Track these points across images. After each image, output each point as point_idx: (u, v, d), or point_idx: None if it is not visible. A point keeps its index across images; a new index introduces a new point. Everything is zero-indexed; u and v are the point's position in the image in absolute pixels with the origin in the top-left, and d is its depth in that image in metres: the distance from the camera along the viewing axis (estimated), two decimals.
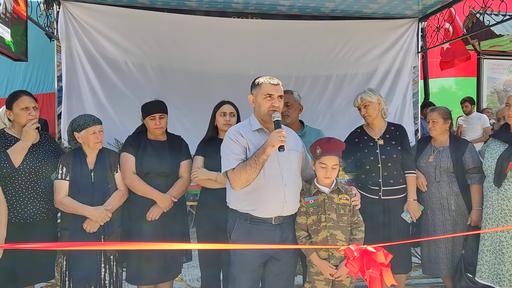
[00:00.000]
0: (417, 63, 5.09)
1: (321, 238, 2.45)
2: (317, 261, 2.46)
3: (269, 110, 2.37)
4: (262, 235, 2.36)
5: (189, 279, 3.65)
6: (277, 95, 2.39)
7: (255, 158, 2.26)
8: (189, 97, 4.73)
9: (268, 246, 2.33)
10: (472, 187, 3.12)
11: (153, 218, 2.80)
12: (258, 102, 2.41)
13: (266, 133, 2.43)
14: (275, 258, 2.42)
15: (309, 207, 2.49)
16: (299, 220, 2.51)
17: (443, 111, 3.23)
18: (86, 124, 2.72)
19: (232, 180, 2.31)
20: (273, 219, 2.38)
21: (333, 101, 5.02)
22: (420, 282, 3.69)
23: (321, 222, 2.46)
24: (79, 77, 4.40)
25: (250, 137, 2.40)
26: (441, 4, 4.52)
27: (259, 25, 4.77)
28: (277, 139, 2.21)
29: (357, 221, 2.53)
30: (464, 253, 3.11)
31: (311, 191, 2.52)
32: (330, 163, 2.45)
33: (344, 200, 2.49)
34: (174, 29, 4.60)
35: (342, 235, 2.45)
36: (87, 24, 4.37)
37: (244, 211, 2.39)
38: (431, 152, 3.25)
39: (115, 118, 4.49)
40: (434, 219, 3.15)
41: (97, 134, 2.74)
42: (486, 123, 6.33)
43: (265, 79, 2.41)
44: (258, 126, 2.44)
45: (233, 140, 2.38)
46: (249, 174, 2.26)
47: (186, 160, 3.00)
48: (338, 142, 2.54)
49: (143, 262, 2.80)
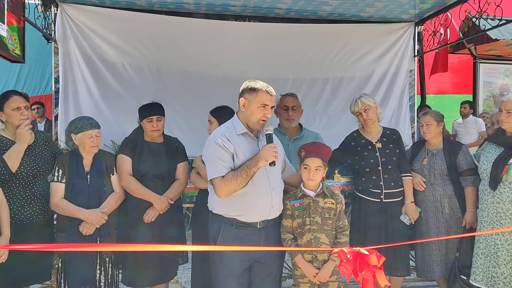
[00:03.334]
0: (413, 67, 5.13)
1: (305, 240, 2.48)
2: (301, 263, 2.48)
3: (260, 120, 2.34)
4: (248, 239, 2.34)
5: (184, 281, 3.65)
6: (271, 106, 2.37)
7: (247, 169, 2.25)
8: (186, 99, 4.75)
9: (261, 248, 2.33)
10: (466, 189, 3.13)
11: (149, 220, 2.80)
12: (251, 109, 2.34)
13: (250, 137, 2.41)
14: (260, 261, 2.42)
15: (294, 210, 2.51)
16: (285, 223, 2.53)
17: (436, 114, 3.26)
18: (83, 127, 2.71)
19: (219, 188, 2.26)
20: (258, 223, 2.38)
21: (330, 104, 5.05)
22: (416, 285, 3.70)
23: (306, 225, 2.48)
24: (76, 79, 4.41)
25: (236, 142, 2.34)
26: (437, 8, 4.56)
27: (257, 28, 4.80)
28: (271, 154, 2.23)
29: (342, 225, 2.55)
30: (459, 256, 3.12)
31: (296, 194, 2.55)
32: (313, 164, 2.47)
33: (329, 204, 2.51)
34: (172, 31, 4.62)
35: (326, 238, 2.48)
36: (84, 26, 4.39)
37: (230, 216, 2.36)
38: (425, 155, 3.27)
39: (112, 120, 4.49)
40: (427, 222, 3.17)
41: (94, 139, 2.72)
42: (482, 127, 6.36)
43: (263, 87, 2.34)
44: (243, 130, 2.38)
45: (220, 145, 2.30)
46: (239, 185, 2.24)
47: (183, 162, 3.01)
48: (322, 146, 2.59)
49: (139, 264, 2.80)
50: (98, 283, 2.74)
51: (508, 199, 2.79)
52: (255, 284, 2.47)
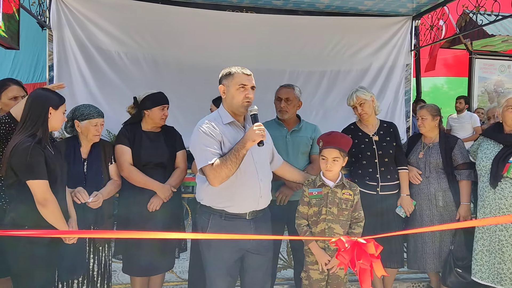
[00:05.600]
0: (410, 61, 5.13)
1: (319, 229, 2.50)
2: (315, 249, 2.50)
3: (243, 101, 2.30)
4: (237, 230, 2.32)
5: (180, 271, 3.65)
6: (250, 86, 2.33)
7: (235, 152, 2.20)
8: (182, 89, 4.70)
9: (258, 237, 2.33)
10: (461, 182, 3.15)
11: (154, 209, 2.79)
12: (231, 93, 2.31)
13: (237, 126, 2.38)
14: (252, 252, 2.40)
15: (312, 198, 2.52)
16: (301, 209, 2.56)
17: (432, 108, 3.26)
18: (90, 115, 2.70)
19: (212, 176, 2.21)
20: (247, 214, 2.36)
21: (327, 96, 5.04)
22: (408, 277, 3.73)
23: (321, 215, 2.50)
24: (71, 67, 4.35)
25: (223, 131, 2.32)
26: (435, 2, 4.56)
27: (254, 19, 4.76)
28: (257, 133, 2.17)
29: (358, 216, 2.58)
30: (453, 249, 3.15)
31: (316, 182, 2.55)
32: (330, 155, 2.48)
33: (347, 195, 2.53)
34: (168, 20, 4.57)
35: (340, 229, 2.49)
36: (79, 13, 4.32)
37: (218, 207, 2.35)
38: (421, 149, 3.28)
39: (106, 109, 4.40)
40: (421, 215, 3.19)
41: (98, 127, 2.72)
42: (477, 122, 6.40)
43: (237, 69, 2.32)
44: (230, 119, 2.36)
45: (207, 133, 2.27)
46: (230, 169, 2.19)
47: (182, 151, 3.01)
48: (340, 136, 2.57)
49: (139, 254, 2.79)
50: (92, 272, 2.73)
51: (510, 195, 2.79)
52: (247, 276, 2.47)
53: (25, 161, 2.13)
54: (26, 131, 2.20)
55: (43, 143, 2.22)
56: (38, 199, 2.17)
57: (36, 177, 2.16)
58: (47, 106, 2.26)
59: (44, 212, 2.19)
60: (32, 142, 2.16)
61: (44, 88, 2.44)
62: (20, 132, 2.22)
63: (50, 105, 2.27)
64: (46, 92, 2.35)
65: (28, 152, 2.13)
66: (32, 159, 2.14)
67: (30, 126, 2.21)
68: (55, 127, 2.34)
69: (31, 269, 2.22)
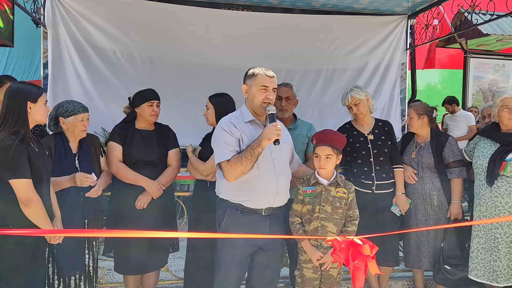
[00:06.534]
0: (405, 60, 5.13)
1: (312, 228, 2.51)
2: (307, 246, 2.51)
3: (263, 102, 2.37)
4: (251, 226, 2.37)
5: (175, 270, 3.65)
6: (272, 88, 2.40)
7: (251, 150, 2.27)
8: (178, 88, 4.68)
9: (258, 236, 2.34)
10: (452, 181, 3.17)
11: (141, 207, 2.79)
12: (252, 93, 2.40)
13: (258, 125, 2.44)
14: (263, 249, 2.44)
15: (306, 196, 2.52)
16: (295, 207, 2.57)
17: (418, 107, 3.26)
18: (75, 110, 2.68)
19: (227, 172, 2.31)
20: (263, 210, 2.39)
21: (323, 95, 5.03)
22: (403, 275, 3.75)
23: (315, 213, 2.50)
24: (66, 65, 4.31)
25: (243, 128, 2.39)
26: (430, 1, 4.56)
27: (250, 17, 4.75)
28: (273, 132, 2.23)
29: (352, 214, 2.58)
30: (443, 246, 3.16)
31: (310, 181, 2.56)
32: (323, 153, 2.49)
33: (341, 193, 2.54)
34: (164, 18, 4.54)
35: (334, 227, 2.50)
36: (74, 10, 4.29)
37: (235, 201, 2.40)
38: (414, 148, 3.29)
39: (102, 107, 4.42)
40: (416, 214, 3.21)
41: (85, 122, 2.71)
42: (472, 121, 6.44)
43: (261, 70, 2.41)
44: (251, 118, 2.44)
45: (226, 131, 2.36)
46: (245, 166, 2.26)
47: (175, 149, 3.00)
48: (332, 134, 2.58)
49: (130, 252, 2.79)
50: (87, 268, 2.72)
51: (506, 193, 2.82)
52: (255, 271, 2.50)
53: (7, 160, 2.06)
54: (9, 129, 2.13)
55: (26, 140, 2.16)
56: (22, 199, 2.11)
57: (20, 176, 2.09)
58: (24, 101, 2.17)
59: (28, 212, 2.13)
60: (16, 140, 2.10)
61: (20, 82, 2.36)
62: (1, 130, 2.14)
63: (27, 100, 2.18)
64: (22, 85, 2.25)
65: (11, 150, 2.06)
66: (14, 157, 2.07)
67: (12, 123, 2.14)
68: (40, 120, 2.27)
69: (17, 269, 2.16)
